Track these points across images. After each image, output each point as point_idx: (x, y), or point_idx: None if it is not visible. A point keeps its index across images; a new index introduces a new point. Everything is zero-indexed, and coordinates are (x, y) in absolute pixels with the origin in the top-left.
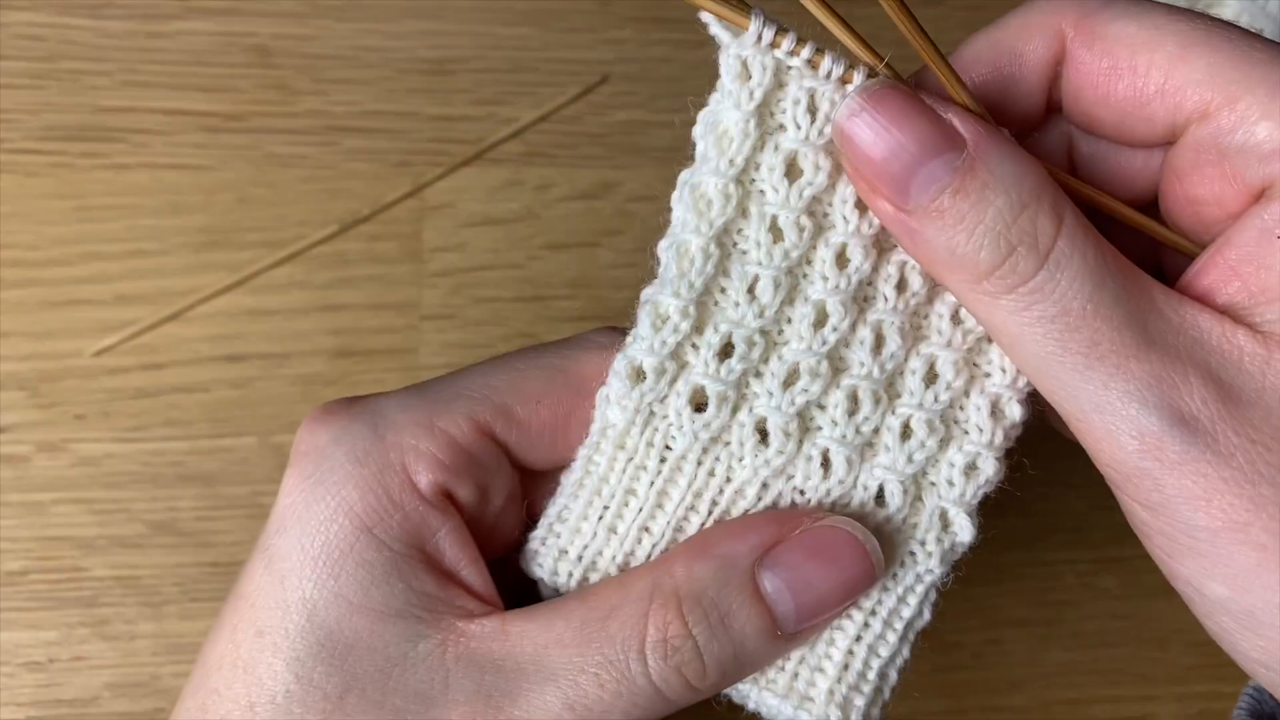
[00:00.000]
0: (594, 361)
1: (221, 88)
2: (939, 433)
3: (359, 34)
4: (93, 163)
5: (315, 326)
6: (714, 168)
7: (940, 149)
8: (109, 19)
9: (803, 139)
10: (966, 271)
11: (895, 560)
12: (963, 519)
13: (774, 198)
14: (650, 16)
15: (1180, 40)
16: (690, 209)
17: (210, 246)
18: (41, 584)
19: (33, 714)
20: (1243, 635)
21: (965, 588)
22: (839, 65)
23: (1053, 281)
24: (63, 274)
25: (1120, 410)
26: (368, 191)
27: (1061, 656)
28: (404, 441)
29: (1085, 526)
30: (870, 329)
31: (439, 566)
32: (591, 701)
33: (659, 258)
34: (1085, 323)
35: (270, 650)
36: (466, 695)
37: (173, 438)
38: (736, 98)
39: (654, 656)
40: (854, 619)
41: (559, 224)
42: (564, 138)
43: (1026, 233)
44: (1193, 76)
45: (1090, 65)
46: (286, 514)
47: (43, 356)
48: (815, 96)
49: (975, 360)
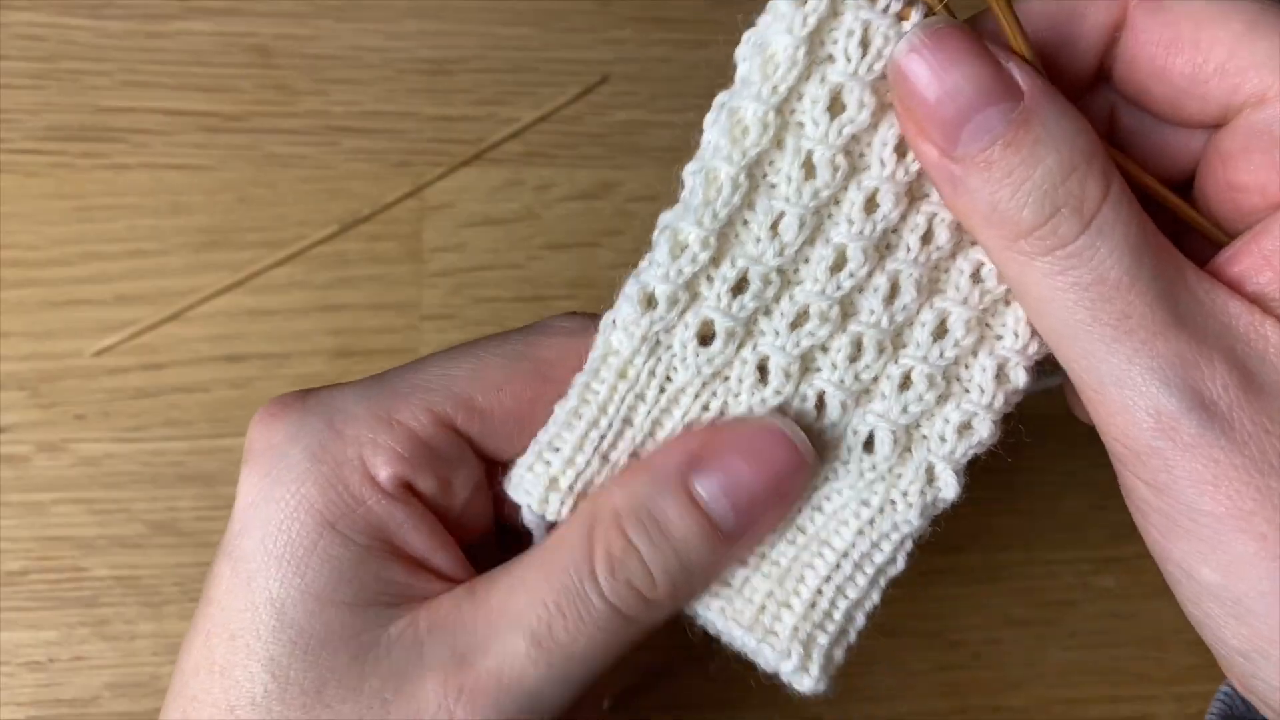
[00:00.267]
0: (558, 346)
1: (222, 88)
2: (939, 388)
3: (359, 34)
4: (93, 163)
5: (315, 326)
6: (755, 93)
7: (997, 97)
8: (109, 19)
9: (851, 73)
10: (1006, 228)
11: (875, 506)
12: (949, 475)
13: (813, 132)
14: (650, 16)
15: (1247, 20)
16: (725, 134)
17: (210, 246)
18: (42, 584)
19: (33, 714)
20: (1227, 623)
21: (965, 587)
22: (898, 0)
23: (1092, 248)
24: (63, 274)
25: (1141, 386)
26: (368, 191)
27: (1061, 656)
28: (361, 435)
29: (1085, 526)
30: (887, 278)
31: (406, 556)
32: (557, 632)
33: (683, 181)
34: (1120, 294)
35: (244, 653)
36: (440, 660)
37: (173, 438)
38: (790, 21)
39: (603, 574)
40: (825, 559)
41: (559, 224)
42: (564, 138)
43: (1073, 194)
44: (1255, 59)
45: (1151, 35)
46: (247, 514)
47: (43, 356)
48: (869, 29)
49: (989, 321)
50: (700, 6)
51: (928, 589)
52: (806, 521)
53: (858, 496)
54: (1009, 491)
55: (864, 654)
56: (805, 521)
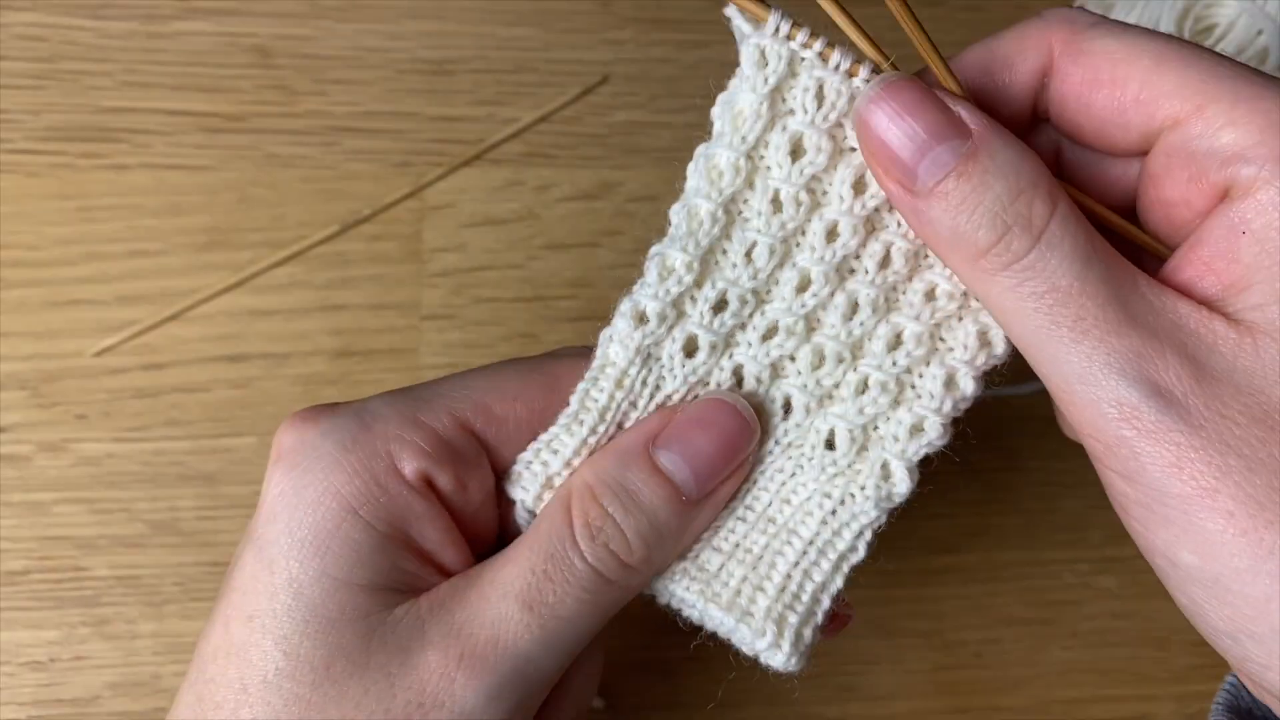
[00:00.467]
0: (567, 365)
1: (222, 88)
2: (891, 393)
3: (359, 35)
4: (94, 163)
5: (316, 326)
6: (728, 143)
7: (947, 135)
8: (110, 20)
9: (809, 123)
10: (967, 249)
11: (836, 498)
12: (902, 472)
13: (778, 173)
14: (650, 17)
15: (1155, 55)
16: (704, 177)
17: (211, 247)
18: (43, 584)
19: (34, 713)
20: (1210, 605)
21: (965, 587)
22: (847, 59)
23: (1044, 260)
24: (64, 274)
25: (1102, 381)
26: (368, 192)
27: (1061, 656)
28: (390, 431)
29: (1084, 526)
30: (847, 297)
31: (419, 549)
32: (545, 595)
33: (671, 219)
34: (1072, 299)
35: (260, 632)
36: (441, 636)
37: (174, 437)
38: (753, 82)
39: (583, 539)
40: (794, 546)
41: (559, 224)
42: (564, 138)
43: (1021, 215)
44: (1165, 88)
45: (1074, 76)
46: (276, 504)
47: (44, 356)
48: (824, 85)
49: (941, 335)
50: (700, 7)
51: (928, 589)
52: (776, 512)
53: (821, 490)
54: (1009, 491)
55: (864, 654)
56: (775, 512)
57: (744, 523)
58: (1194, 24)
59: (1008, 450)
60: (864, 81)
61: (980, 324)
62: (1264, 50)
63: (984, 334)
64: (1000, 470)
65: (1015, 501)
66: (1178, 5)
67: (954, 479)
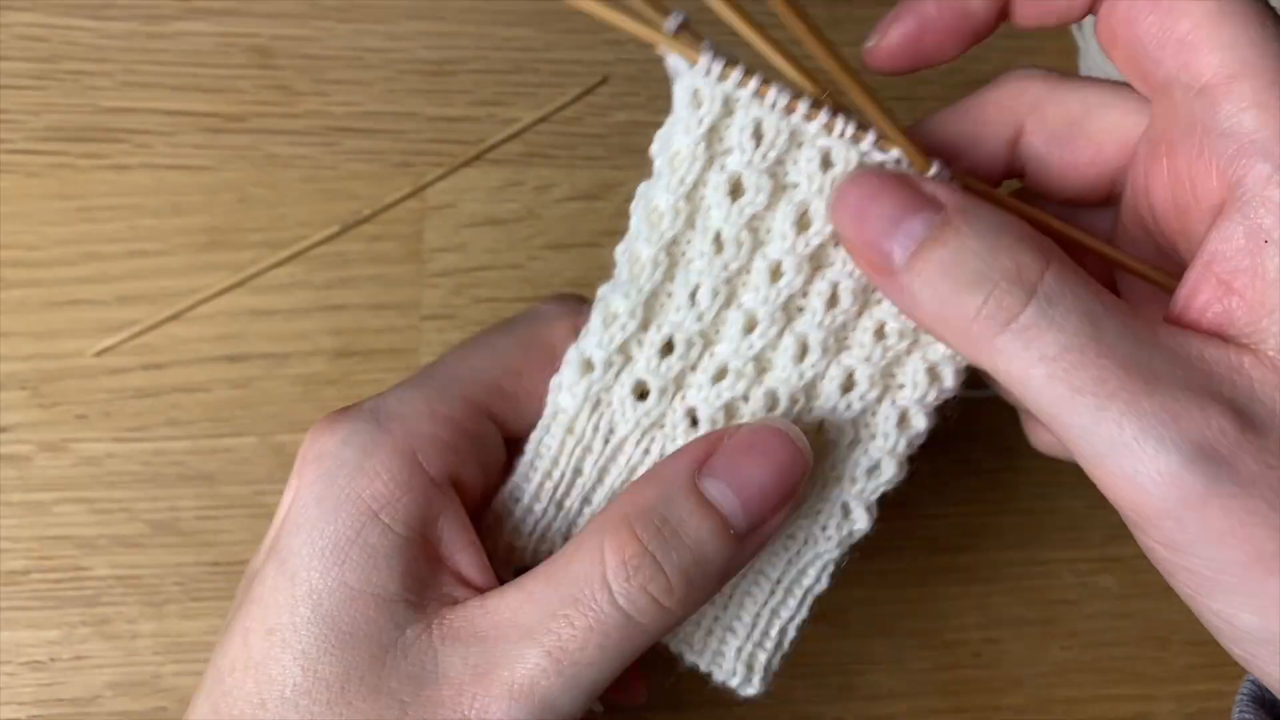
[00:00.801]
0: (558, 331)
1: (222, 88)
2: (848, 435)
3: (359, 35)
4: (94, 163)
5: (316, 326)
6: (666, 185)
7: (917, 208)
8: (110, 20)
9: (747, 163)
10: (956, 318)
11: (800, 539)
12: (860, 511)
13: (718, 214)
14: None
15: (1122, 108)
16: (644, 220)
17: (211, 247)
18: (43, 583)
19: (34, 713)
20: (1274, 660)
21: (965, 586)
22: (784, 96)
23: (1047, 318)
24: (64, 274)
25: (1137, 449)
26: (368, 192)
27: (1060, 655)
28: (409, 428)
29: (1084, 526)
30: (795, 338)
31: (435, 552)
32: (566, 643)
33: (616, 260)
34: (1089, 360)
35: (280, 646)
36: (455, 670)
37: (174, 437)
38: (688, 123)
39: (616, 581)
40: (761, 587)
41: (559, 224)
42: (564, 138)
43: (1008, 269)
44: (1215, 40)
45: (1051, 135)
46: (299, 515)
47: (44, 356)
48: (761, 124)
49: (892, 372)
50: (701, 6)
51: (928, 589)
52: None
53: (785, 530)
54: (1009, 491)
55: (864, 654)
56: None
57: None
58: None
59: (1008, 450)
60: (803, 118)
61: (928, 360)
62: None
63: (932, 369)
64: (1000, 470)
65: (1015, 501)
66: None
67: (954, 479)
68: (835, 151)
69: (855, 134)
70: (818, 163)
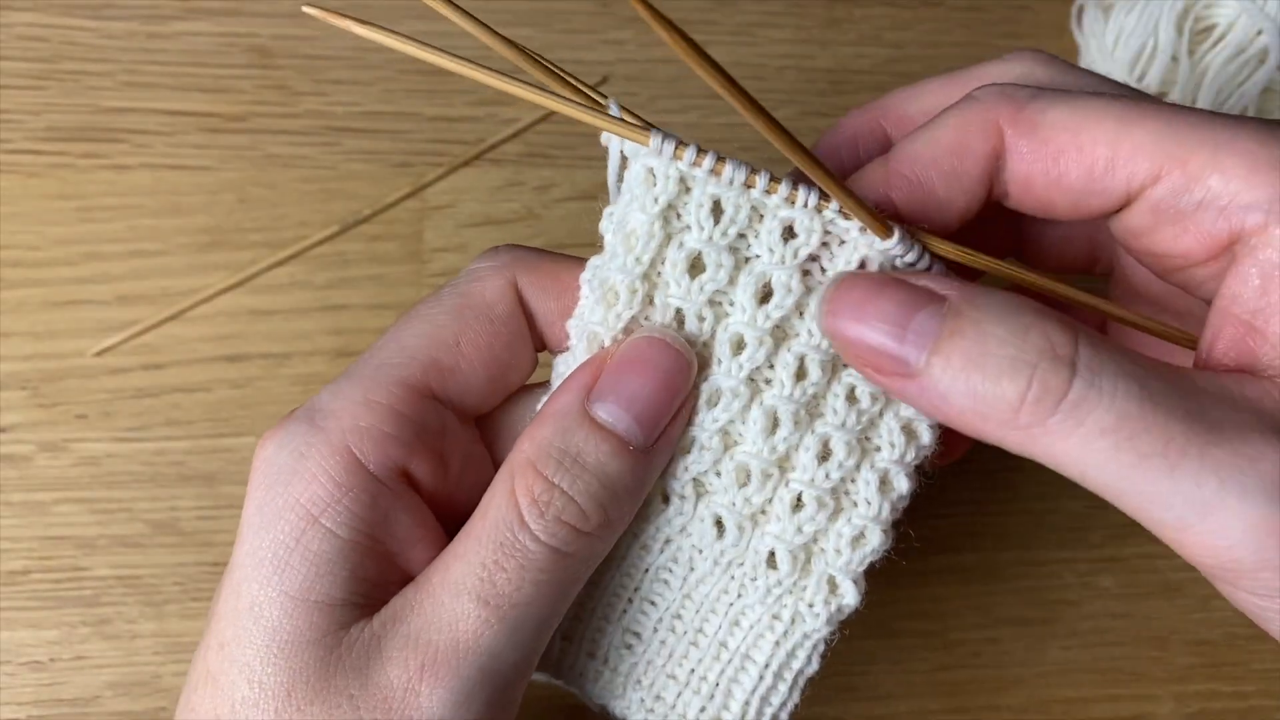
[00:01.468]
0: (492, 287)
1: (222, 88)
2: (828, 507)
3: None
4: (94, 163)
5: (316, 326)
6: (621, 264)
7: (920, 304)
8: (110, 20)
9: (706, 239)
10: (997, 412)
11: (786, 619)
12: (848, 585)
13: (677, 291)
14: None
15: (1117, 117)
16: (599, 300)
17: (211, 247)
18: (43, 583)
19: (34, 713)
20: None
21: (965, 586)
22: (741, 171)
23: (1096, 389)
24: (64, 274)
25: (1221, 504)
26: (368, 192)
27: (1060, 655)
28: (343, 425)
29: (1084, 526)
30: (764, 412)
31: (385, 551)
32: (500, 586)
33: (569, 335)
34: (1150, 423)
35: (228, 661)
36: (398, 648)
37: (174, 438)
38: (643, 201)
39: (532, 518)
40: (749, 673)
41: (559, 224)
42: (564, 138)
43: (1042, 347)
44: (1138, 146)
45: (1034, 152)
46: (243, 527)
47: (44, 356)
48: (720, 201)
49: (868, 435)
50: (700, 7)
51: (927, 589)
52: (727, 636)
53: (769, 611)
54: (1009, 491)
55: (864, 654)
56: (726, 636)
57: (696, 648)
58: (1194, 24)
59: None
60: (763, 192)
61: (901, 418)
62: (1264, 50)
63: (908, 428)
64: (1000, 470)
65: (1015, 501)
66: (1178, 5)
67: (954, 479)
68: (799, 222)
69: (818, 204)
70: (779, 234)
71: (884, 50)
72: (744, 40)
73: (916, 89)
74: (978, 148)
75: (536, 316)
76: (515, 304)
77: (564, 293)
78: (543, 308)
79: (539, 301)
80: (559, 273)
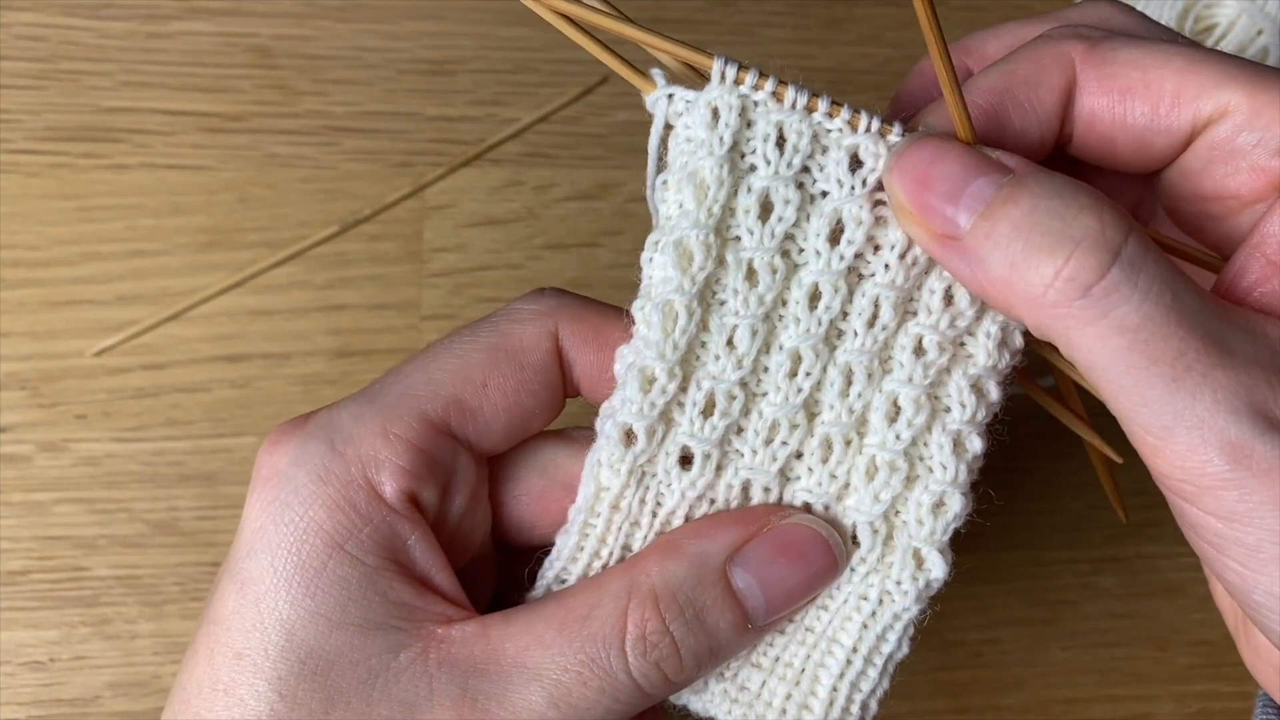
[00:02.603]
0: (530, 334)
1: (222, 88)
2: (902, 470)
3: (359, 35)
4: (94, 163)
5: (316, 326)
6: (695, 220)
7: (984, 170)
8: (110, 20)
9: (773, 174)
10: (1030, 281)
11: (874, 598)
12: (935, 557)
13: (749, 241)
14: (650, 17)
15: (1186, 57)
16: (674, 266)
17: (211, 247)
18: (42, 583)
19: (34, 713)
20: None
21: (965, 586)
22: (803, 94)
23: (1130, 284)
24: (64, 274)
25: (1209, 420)
26: (368, 192)
27: (1060, 656)
28: (363, 453)
29: (1084, 526)
30: (839, 369)
31: (413, 574)
32: (575, 699)
33: (634, 317)
34: (1171, 331)
35: (251, 672)
36: (452, 699)
37: (173, 438)
38: (710, 145)
39: (634, 653)
40: (836, 656)
41: (559, 224)
42: (564, 138)
43: (1090, 228)
44: (1204, 84)
45: (1104, 87)
46: (255, 539)
47: (44, 356)
48: (784, 128)
49: (936, 394)
50: (700, 7)
51: None
52: (814, 620)
53: (856, 591)
54: (1009, 491)
55: None
56: (812, 620)
57: (782, 634)
58: (1194, 24)
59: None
60: (824, 114)
61: (970, 376)
62: (1264, 50)
63: (977, 385)
64: (1000, 470)
65: (1015, 501)
66: (1177, 5)
67: None
68: (864, 148)
69: (881, 128)
70: (846, 164)
71: (884, 50)
72: (744, 40)
73: (995, 30)
74: (1052, 80)
75: (574, 367)
76: (551, 354)
77: (605, 346)
78: (582, 359)
79: (579, 353)
80: (603, 325)
